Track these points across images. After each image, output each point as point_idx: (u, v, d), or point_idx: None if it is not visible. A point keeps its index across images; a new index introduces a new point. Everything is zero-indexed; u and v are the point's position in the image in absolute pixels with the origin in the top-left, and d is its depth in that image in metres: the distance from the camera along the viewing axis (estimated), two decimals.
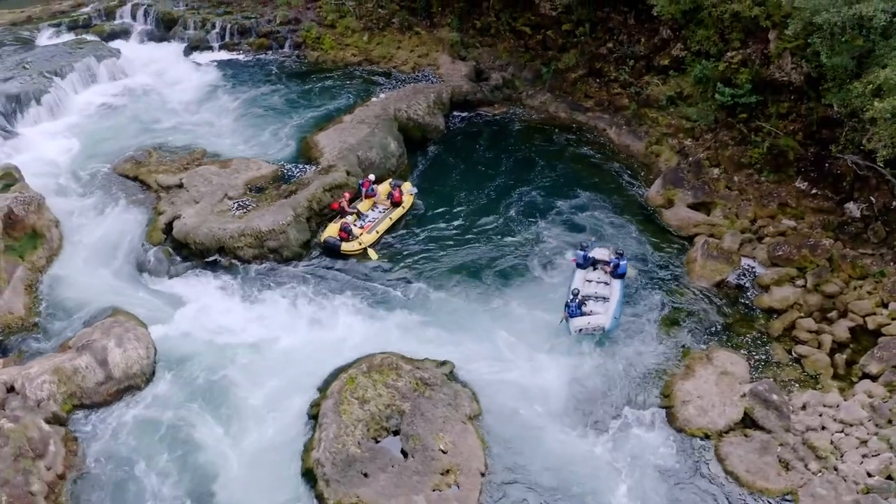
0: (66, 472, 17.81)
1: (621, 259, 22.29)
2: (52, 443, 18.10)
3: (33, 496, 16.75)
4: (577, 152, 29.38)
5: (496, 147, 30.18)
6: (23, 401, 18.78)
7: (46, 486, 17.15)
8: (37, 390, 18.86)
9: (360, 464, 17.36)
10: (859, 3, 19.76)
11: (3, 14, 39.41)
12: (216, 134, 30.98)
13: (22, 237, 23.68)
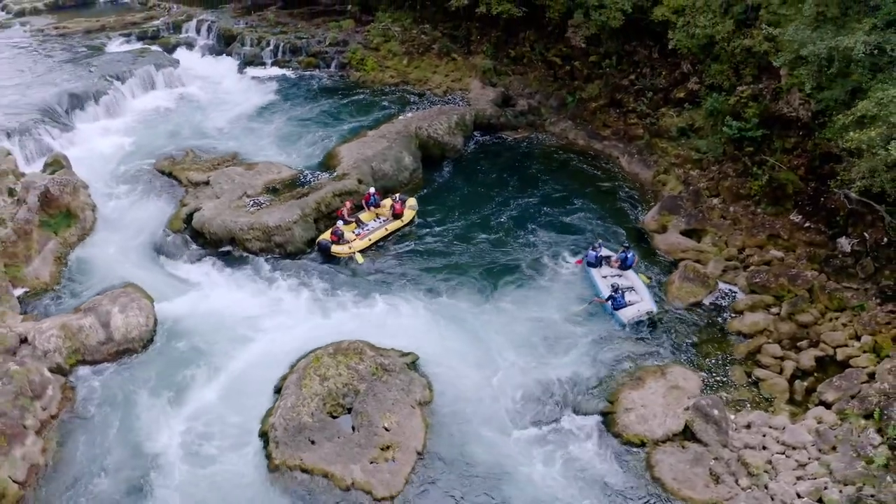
0: (59, 413, 21.02)
1: (627, 251, 24.88)
2: (51, 388, 21.44)
3: (25, 429, 19.98)
4: (587, 177, 31.46)
5: (510, 168, 32.51)
6: (32, 350, 22.23)
7: (39, 423, 20.33)
8: (45, 342, 22.30)
9: (310, 432, 19.76)
10: (842, 36, 21.40)
11: (80, 22, 45.46)
12: (253, 141, 34.76)
13: (57, 215, 27.69)
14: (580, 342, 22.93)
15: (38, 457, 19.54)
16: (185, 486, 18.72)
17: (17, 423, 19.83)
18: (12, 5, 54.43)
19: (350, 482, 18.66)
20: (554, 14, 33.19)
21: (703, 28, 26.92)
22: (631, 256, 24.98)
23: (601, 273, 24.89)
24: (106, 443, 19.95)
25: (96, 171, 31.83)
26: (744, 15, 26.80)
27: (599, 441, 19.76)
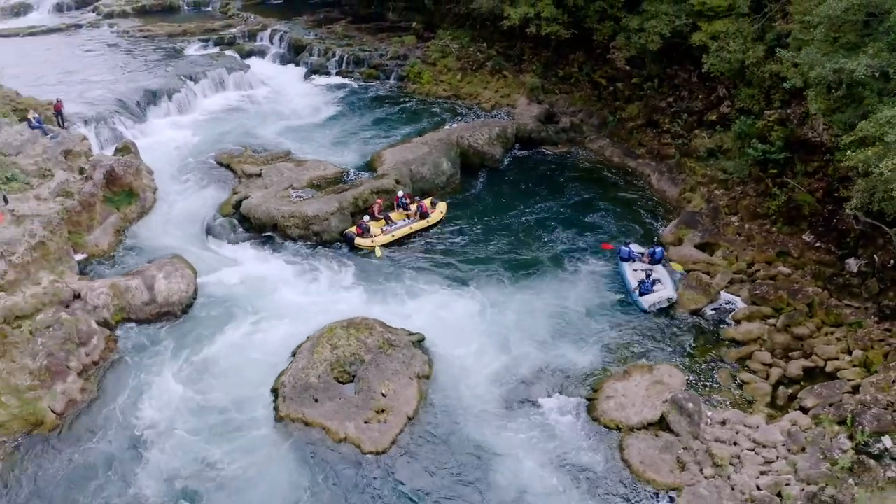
0: (100, 360, 24.68)
1: (656, 247, 27.91)
2: (96, 338, 25.17)
3: (69, 369, 23.69)
4: (616, 191, 33.85)
5: (544, 179, 35.16)
6: (83, 305, 26.04)
7: (81, 366, 24.03)
8: (95, 299, 26.13)
9: (315, 391, 22.66)
10: (846, 59, 23.26)
11: (164, 26, 51.08)
12: (307, 141, 38.61)
13: (120, 193, 31.84)
14: (584, 335, 25.21)
15: (76, 394, 23.13)
16: (202, 429, 21.82)
17: (62, 364, 23.56)
18: (102, 7, 61.12)
19: (343, 436, 21.40)
20: (601, 37, 35.89)
21: (734, 53, 29.10)
22: (660, 251, 27.87)
23: (633, 267, 27.59)
24: (137, 389, 23.26)
25: (161, 160, 36.14)
26: (775, 42, 28.85)
27: (578, 423, 21.82)
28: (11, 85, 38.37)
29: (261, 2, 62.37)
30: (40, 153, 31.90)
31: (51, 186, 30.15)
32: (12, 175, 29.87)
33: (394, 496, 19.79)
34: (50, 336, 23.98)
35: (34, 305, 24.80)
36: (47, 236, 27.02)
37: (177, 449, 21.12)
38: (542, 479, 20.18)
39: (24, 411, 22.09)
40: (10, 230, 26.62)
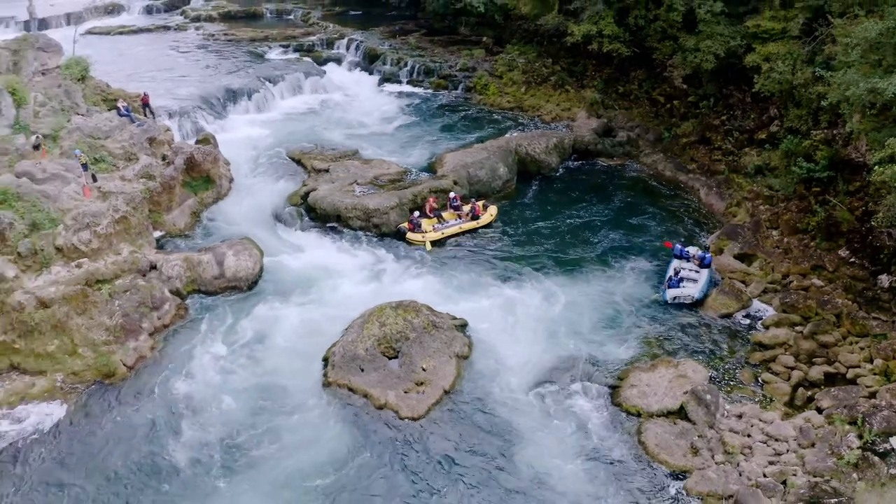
0: (170, 324, 28.08)
1: (707, 252, 30.11)
2: (168, 304, 28.62)
3: (141, 329, 27.13)
4: (664, 203, 36.06)
5: (596, 189, 37.62)
6: (159, 275, 29.59)
7: (153, 328, 27.43)
8: (170, 269, 29.64)
9: (361, 361, 25.50)
10: (881, 80, 25.06)
11: (247, 31, 55.79)
12: (375, 142, 41.97)
13: (198, 178, 35.60)
14: (619, 329, 27.54)
15: (146, 351, 26.56)
16: (256, 389, 24.81)
17: (135, 324, 27.10)
18: (190, 11, 66.60)
19: (384, 402, 24.12)
20: (660, 56, 38.22)
21: (783, 74, 31.11)
22: (709, 257, 30.02)
23: (680, 264, 29.96)
24: (201, 351, 26.50)
25: (238, 152, 39.94)
26: (824, 64, 30.73)
27: (601, 407, 24.04)
28: (103, 78, 42.87)
29: (340, 12, 67.04)
30: (127, 139, 35.88)
31: (135, 169, 34.01)
32: (101, 156, 33.86)
33: (423, 458, 22.24)
34: (126, 299, 27.56)
35: (114, 272, 28.35)
36: (130, 212, 30.64)
37: (231, 406, 24.09)
38: (561, 454, 22.36)
39: (98, 363, 25.65)
40: (96, 205, 30.35)
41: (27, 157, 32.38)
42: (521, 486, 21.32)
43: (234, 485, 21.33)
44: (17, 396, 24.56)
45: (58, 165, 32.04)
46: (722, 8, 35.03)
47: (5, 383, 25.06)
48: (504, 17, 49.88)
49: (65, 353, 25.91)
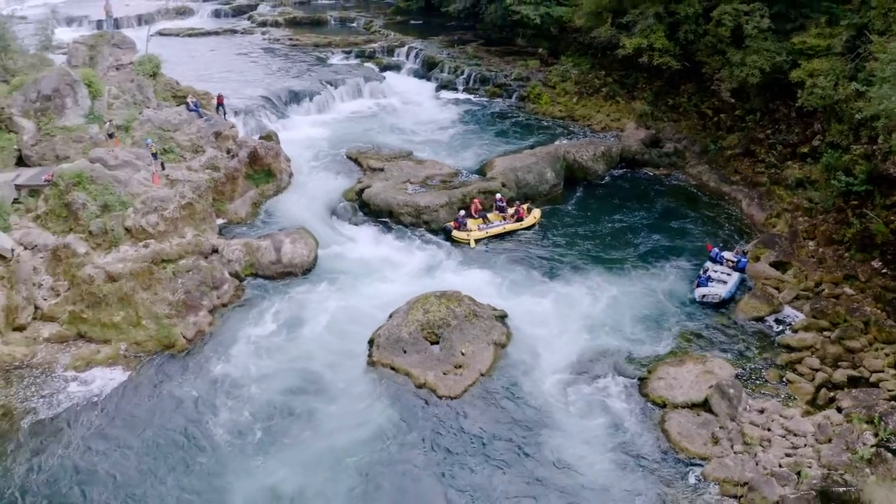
0: (229, 303, 30.72)
1: (743, 257, 31.98)
2: (227, 285, 31.34)
3: (201, 306, 29.87)
4: (707, 212, 37.75)
5: (641, 196, 39.49)
6: (220, 257, 32.34)
7: (212, 305, 30.11)
8: (230, 253, 32.40)
9: (404, 344, 27.73)
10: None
11: (311, 37, 59.28)
12: (429, 145, 44.55)
13: (260, 172, 38.50)
14: (652, 326, 29.28)
15: (205, 326, 29.24)
16: (305, 366, 27.10)
17: (196, 301, 29.86)
18: (257, 16, 70.65)
19: (423, 381, 26.29)
20: (709, 70, 39.98)
21: (824, 89, 32.65)
22: (743, 262, 31.81)
23: (713, 266, 31.81)
24: (256, 330, 29.10)
25: (299, 150, 42.91)
26: (866, 81, 32.14)
27: (629, 397, 25.81)
28: (172, 76, 46.22)
29: (402, 21, 70.23)
30: (195, 132, 38.93)
31: (201, 160, 37.05)
32: (170, 147, 36.98)
33: (456, 435, 24.21)
34: (189, 278, 30.33)
35: (178, 252, 31.09)
36: (195, 199, 33.54)
37: (279, 381, 26.44)
38: (586, 438, 24.12)
39: (160, 334, 28.41)
40: (164, 191, 33.31)
41: (100, 145, 35.68)
42: (546, 465, 23.13)
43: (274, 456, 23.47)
44: (84, 361, 27.38)
45: (129, 153, 35.24)
46: (769, 24, 36.69)
47: (73, 349, 28.01)
48: (560, 29, 52.14)
49: (129, 324, 28.72)
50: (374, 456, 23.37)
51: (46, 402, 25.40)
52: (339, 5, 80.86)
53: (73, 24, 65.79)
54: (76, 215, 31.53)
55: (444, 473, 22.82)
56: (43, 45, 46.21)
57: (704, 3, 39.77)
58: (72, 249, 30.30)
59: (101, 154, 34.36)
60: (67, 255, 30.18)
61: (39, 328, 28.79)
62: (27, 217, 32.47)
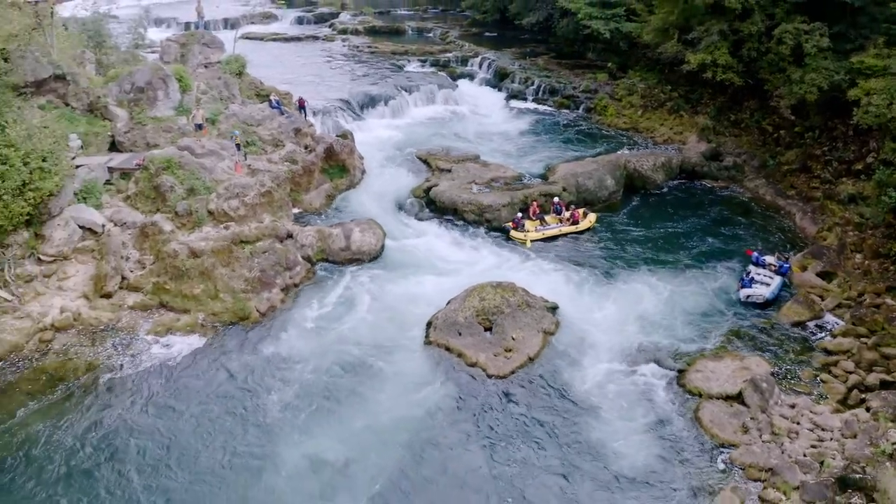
0: (300, 283, 34.02)
1: (785, 262, 34.23)
2: (299, 267, 34.62)
3: (275, 283, 33.17)
4: (760, 223, 39.73)
5: (697, 206, 41.66)
6: (294, 242, 35.67)
7: (284, 284, 33.40)
8: (303, 238, 35.76)
9: (459, 327, 30.51)
10: None
11: (389, 45, 63.19)
12: (496, 150, 47.51)
13: (335, 166, 42.03)
14: (697, 323, 31.41)
15: (277, 302, 32.58)
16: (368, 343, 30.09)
17: (270, 279, 33.22)
18: (338, 24, 75.20)
19: (475, 361, 29.00)
20: (771, 87, 41.96)
21: (878, 108, 34.42)
22: (786, 266, 34.05)
23: (756, 270, 34.06)
24: (323, 309, 32.39)
25: (372, 149, 46.44)
26: None
27: (667, 386, 27.96)
28: (256, 76, 50.33)
29: (477, 33, 73.75)
30: (276, 128, 42.75)
31: (281, 153, 40.80)
32: (252, 140, 40.83)
33: (502, 411, 26.74)
34: (264, 259, 33.74)
35: (256, 235, 34.57)
36: (273, 188, 37.14)
37: (342, 354, 29.48)
38: (622, 420, 26.32)
39: (236, 307, 31.79)
40: (245, 179, 37.00)
41: (188, 135, 39.64)
42: (583, 445, 25.37)
43: (327, 425, 26.12)
44: (164, 328, 30.83)
45: (215, 144, 39.14)
46: (828, 44, 38.54)
47: (155, 316, 31.55)
48: (629, 45, 54.59)
49: (208, 297, 32.16)
50: (423, 426, 26.00)
51: (126, 361, 28.97)
52: (418, 16, 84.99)
53: (162, 26, 70.94)
54: (164, 197, 35.47)
55: (487, 446, 25.26)
56: (135, 43, 50.78)
57: (767, 22, 41.70)
58: (159, 227, 34.15)
59: (189, 143, 38.35)
60: (154, 232, 34.03)
61: (125, 296, 32.46)
62: (118, 197, 36.52)
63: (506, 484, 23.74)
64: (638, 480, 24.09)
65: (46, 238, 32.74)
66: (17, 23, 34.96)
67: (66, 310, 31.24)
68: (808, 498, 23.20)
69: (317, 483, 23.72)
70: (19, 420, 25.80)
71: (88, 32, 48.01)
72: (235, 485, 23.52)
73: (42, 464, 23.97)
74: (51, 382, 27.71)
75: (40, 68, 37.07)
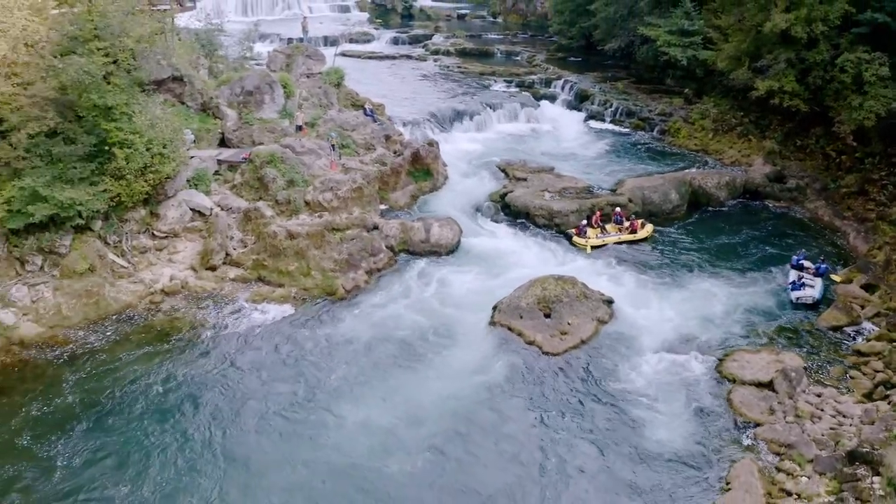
0: (382, 269, 39.03)
1: (822, 263, 37.98)
2: (382, 254, 39.50)
3: (360, 266, 38.41)
4: (815, 239, 43.19)
5: (756, 223, 45.25)
6: (379, 233, 40.71)
7: (369, 267, 38.45)
8: (388, 230, 40.82)
9: (521, 311, 34.91)
10: None
11: (477, 66, 69.00)
12: (570, 163, 52.08)
13: (420, 170, 47.28)
14: (741, 321, 35.05)
15: (361, 283, 37.69)
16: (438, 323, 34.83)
17: (356, 262, 38.40)
18: (431, 46, 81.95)
19: (532, 340, 33.40)
20: (835, 113, 45.58)
21: None
22: (824, 267, 37.74)
23: (798, 273, 37.72)
24: (400, 291, 37.38)
25: (456, 158, 51.67)
26: None
27: (705, 371, 31.96)
28: (352, 88, 56.56)
29: (562, 57, 78.93)
30: (368, 133, 48.56)
31: (372, 156, 46.52)
32: (347, 143, 46.71)
33: (553, 385, 31.01)
34: (352, 244, 39.06)
35: (346, 224, 39.98)
36: (364, 185, 42.60)
37: (416, 329, 34.34)
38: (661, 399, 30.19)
39: (325, 283, 37.23)
40: (339, 175, 42.67)
41: (290, 135, 45.79)
42: (621, 414, 29.38)
43: (390, 390, 30.55)
44: (261, 297, 36.41)
45: (313, 144, 45.16)
46: (888, 73, 41.86)
47: (253, 288, 37.25)
48: (705, 72, 58.58)
49: (301, 273, 37.72)
50: (481, 392, 30.36)
51: (226, 322, 34.75)
52: (508, 40, 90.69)
53: (266, 41, 77.90)
54: (266, 187, 41.46)
55: (536, 413, 29.44)
56: (243, 55, 57.48)
57: (832, 52, 45.33)
58: (260, 212, 40.04)
59: (291, 142, 44.50)
60: (256, 217, 39.93)
61: (227, 270, 38.34)
62: (225, 186, 42.72)
63: (550, 445, 27.86)
64: (667, 445, 27.91)
65: (161, 216, 39.14)
66: (147, 26, 41.36)
67: (174, 278, 37.39)
68: (820, 469, 26.76)
69: (387, 437, 28.18)
70: (129, 364, 31.78)
71: (202, 41, 54.77)
72: (301, 436, 28.15)
73: (142, 399, 29.72)
74: (159, 336, 33.65)
75: (161, 69, 43.46)
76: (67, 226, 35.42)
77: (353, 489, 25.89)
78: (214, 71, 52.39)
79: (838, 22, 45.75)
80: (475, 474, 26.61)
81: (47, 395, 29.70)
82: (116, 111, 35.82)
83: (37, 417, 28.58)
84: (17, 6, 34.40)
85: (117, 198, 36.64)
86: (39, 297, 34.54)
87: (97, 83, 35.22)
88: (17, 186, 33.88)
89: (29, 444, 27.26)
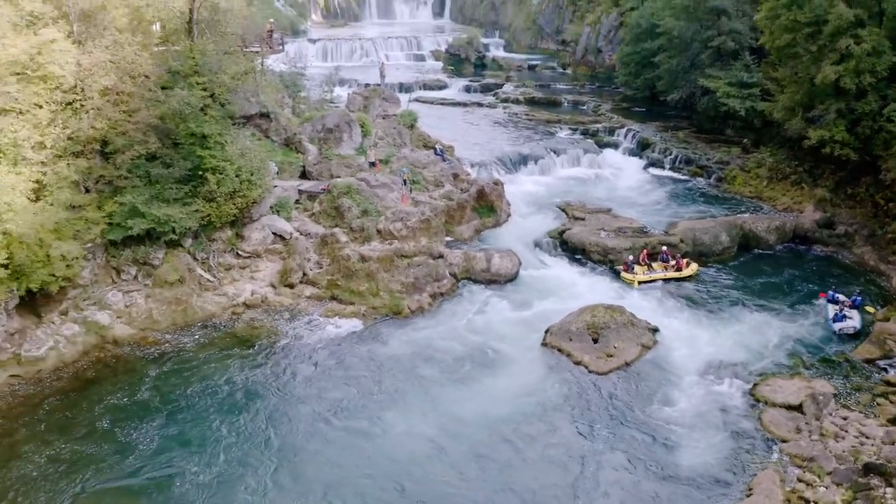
0: (445, 294, 43.47)
1: (858, 297, 41.45)
2: (445, 280, 43.89)
3: (425, 289, 43.02)
4: (858, 281, 46.05)
5: (802, 264, 48.58)
6: (444, 261, 45.19)
7: (433, 291, 42.89)
8: (451, 259, 45.26)
9: (571, 334, 38.84)
10: None
11: (545, 114, 74.12)
12: (627, 206, 55.95)
13: (484, 206, 51.83)
14: (778, 350, 38.26)
15: (425, 304, 42.20)
16: (495, 342, 39.18)
17: (422, 285, 42.92)
18: (501, 94, 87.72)
19: (580, 360, 37.19)
20: (883, 163, 48.78)
21: None
22: (859, 300, 41.13)
23: (835, 307, 41.08)
24: (461, 314, 41.86)
25: (518, 199, 56.20)
26: None
27: (739, 395, 35.09)
28: (424, 130, 62.05)
29: (627, 107, 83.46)
30: (438, 171, 53.67)
31: (440, 191, 51.50)
32: (417, 179, 51.87)
33: (596, 400, 34.71)
34: (419, 270, 43.64)
35: (413, 252, 44.68)
36: (431, 217, 47.33)
37: (473, 346, 38.56)
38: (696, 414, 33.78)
39: (392, 303, 41.84)
40: (409, 208, 47.64)
41: (365, 170, 51.11)
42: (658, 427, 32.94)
43: (454, 399, 34.67)
44: (333, 313, 41.30)
45: (386, 179, 50.43)
46: None
47: (326, 305, 42.14)
48: (763, 122, 62.31)
49: (370, 294, 42.50)
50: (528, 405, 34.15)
51: (300, 333, 39.70)
52: (575, 91, 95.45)
53: (345, 86, 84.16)
54: (342, 215, 46.67)
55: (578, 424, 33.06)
56: (324, 97, 63.52)
57: (880, 102, 48.57)
58: (336, 237, 45.12)
59: (366, 176, 49.78)
60: (332, 241, 45.02)
61: (304, 289, 43.48)
62: (304, 214, 48.26)
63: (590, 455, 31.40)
64: (698, 458, 31.23)
65: (245, 238, 44.66)
66: (241, 65, 47.12)
67: (255, 293, 42.66)
68: (837, 480, 29.88)
69: (441, 445, 31.92)
70: (206, 364, 36.96)
71: (286, 83, 60.93)
72: (355, 435, 32.19)
73: (214, 396, 34.55)
74: (238, 342, 38.83)
75: (250, 105, 49.42)
76: (161, 241, 40.98)
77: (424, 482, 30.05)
78: (297, 111, 58.29)
79: (886, 73, 48.94)
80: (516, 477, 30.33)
81: (132, 388, 34.99)
82: (211, 140, 41.39)
83: (120, 406, 33.83)
84: (128, 42, 40.34)
85: (207, 218, 42.15)
86: (133, 303, 40.16)
87: (195, 114, 40.98)
88: (117, 202, 39.59)
89: (110, 427, 32.38)
